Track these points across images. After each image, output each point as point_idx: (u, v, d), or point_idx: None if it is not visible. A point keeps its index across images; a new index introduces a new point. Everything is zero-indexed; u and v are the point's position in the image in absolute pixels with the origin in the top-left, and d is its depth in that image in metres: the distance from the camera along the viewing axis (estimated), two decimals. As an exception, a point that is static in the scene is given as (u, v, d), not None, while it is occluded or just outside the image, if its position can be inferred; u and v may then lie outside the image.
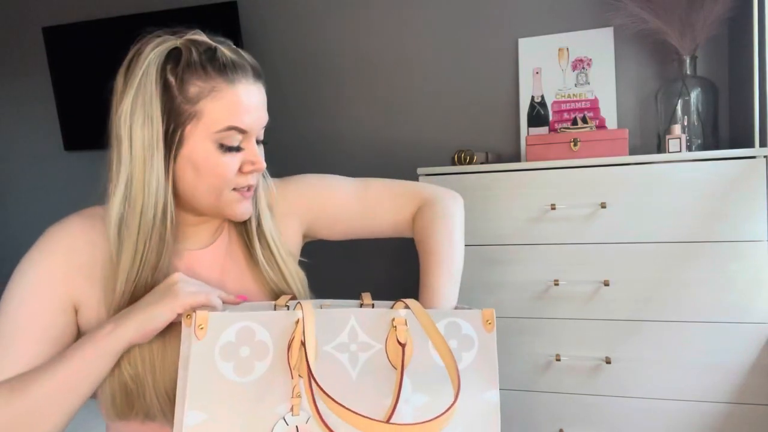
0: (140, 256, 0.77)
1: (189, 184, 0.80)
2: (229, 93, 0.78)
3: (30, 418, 0.71)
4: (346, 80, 2.07)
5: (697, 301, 1.37)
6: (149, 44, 0.79)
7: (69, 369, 0.72)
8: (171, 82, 0.77)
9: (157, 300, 0.73)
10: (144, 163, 0.77)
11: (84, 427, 1.56)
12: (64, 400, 0.72)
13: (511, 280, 1.51)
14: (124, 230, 0.78)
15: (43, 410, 0.71)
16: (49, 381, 0.72)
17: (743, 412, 1.35)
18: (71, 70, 2.30)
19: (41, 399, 0.71)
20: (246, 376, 0.67)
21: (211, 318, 0.66)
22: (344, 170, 2.09)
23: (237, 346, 0.67)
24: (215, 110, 0.77)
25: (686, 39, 1.59)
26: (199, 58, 0.77)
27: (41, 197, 2.45)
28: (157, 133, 0.77)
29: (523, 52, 1.86)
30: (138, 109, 0.77)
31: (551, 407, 1.49)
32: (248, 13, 2.12)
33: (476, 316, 0.78)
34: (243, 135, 0.80)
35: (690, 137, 1.58)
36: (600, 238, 1.44)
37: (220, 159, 0.79)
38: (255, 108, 0.81)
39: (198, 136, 0.78)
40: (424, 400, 0.75)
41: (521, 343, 1.51)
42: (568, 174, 1.45)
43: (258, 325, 0.68)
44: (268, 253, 0.90)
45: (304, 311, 0.69)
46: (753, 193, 1.33)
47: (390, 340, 0.73)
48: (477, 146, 1.92)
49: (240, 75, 0.79)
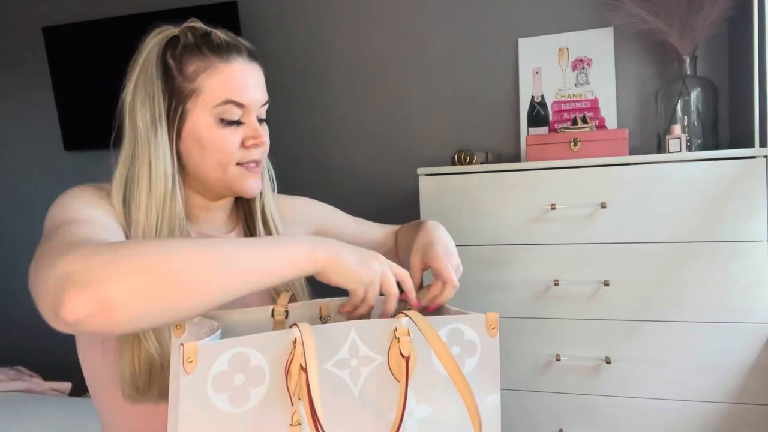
0: (153, 230, 0.78)
1: (196, 160, 0.83)
2: (224, 69, 0.82)
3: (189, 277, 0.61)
4: (346, 80, 2.07)
5: (697, 301, 1.37)
6: (150, 35, 0.85)
7: (251, 260, 0.64)
8: (170, 64, 0.82)
9: (362, 256, 0.71)
10: (147, 140, 0.80)
11: (84, 427, 1.56)
12: (235, 279, 0.63)
13: (511, 280, 1.51)
14: (133, 206, 0.79)
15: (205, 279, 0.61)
16: (231, 251, 0.63)
17: (743, 412, 1.35)
18: (71, 70, 2.30)
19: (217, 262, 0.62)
20: (242, 405, 0.62)
21: (201, 348, 0.59)
22: (344, 170, 2.09)
23: (231, 375, 0.61)
24: (213, 85, 0.81)
25: (686, 39, 1.59)
26: (195, 41, 0.82)
27: (41, 197, 2.45)
28: (159, 110, 0.80)
29: (523, 52, 1.86)
30: (140, 91, 0.81)
31: (551, 407, 1.49)
32: (248, 13, 2.12)
33: (480, 321, 0.76)
34: (242, 109, 0.83)
35: (690, 137, 1.58)
36: (600, 238, 1.44)
37: (220, 132, 0.82)
38: (252, 85, 0.84)
39: (198, 111, 0.81)
40: (428, 412, 0.73)
41: (521, 343, 1.51)
42: (568, 174, 1.45)
43: (252, 350, 0.62)
44: (268, 234, 0.92)
45: (303, 335, 0.64)
46: (753, 193, 1.32)
47: (392, 351, 0.70)
48: (477, 146, 1.92)
49: (234, 54, 0.83)
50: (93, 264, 0.58)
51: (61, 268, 0.58)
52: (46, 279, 0.59)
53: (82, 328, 0.57)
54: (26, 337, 2.50)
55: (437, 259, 0.85)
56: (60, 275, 0.58)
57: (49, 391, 1.94)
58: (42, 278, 0.60)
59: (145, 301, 0.58)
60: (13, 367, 2.09)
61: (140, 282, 0.58)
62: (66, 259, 0.59)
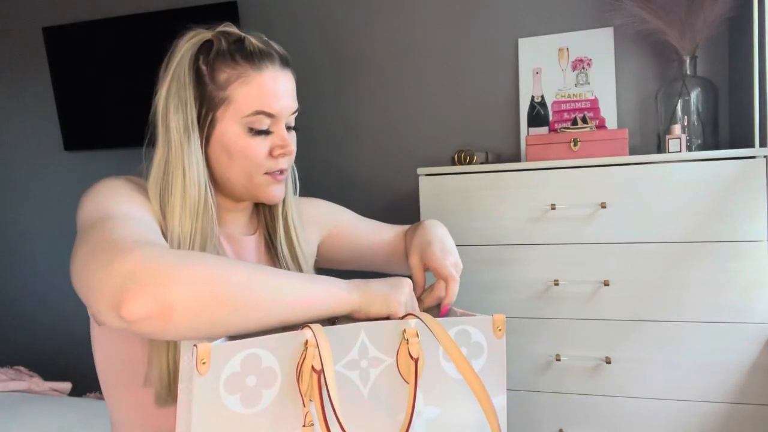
0: (188, 238, 0.78)
1: (223, 167, 0.84)
2: (256, 79, 0.82)
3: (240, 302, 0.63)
4: (345, 80, 2.07)
5: (697, 301, 1.37)
6: (184, 38, 0.84)
7: (296, 291, 0.67)
8: (203, 70, 0.82)
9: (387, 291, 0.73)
10: (181, 147, 0.80)
11: (84, 427, 1.56)
12: (272, 312, 0.65)
13: (511, 280, 1.51)
14: (167, 212, 0.79)
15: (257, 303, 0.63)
16: (275, 287, 0.65)
17: (743, 412, 1.35)
18: (71, 70, 2.30)
19: (261, 292, 0.64)
20: (254, 406, 0.63)
21: (214, 350, 0.60)
22: (343, 170, 2.09)
23: (243, 376, 0.62)
24: (244, 95, 0.81)
25: (686, 39, 1.59)
26: (228, 47, 0.82)
27: (41, 197, 2.45)
28: (192, 117, 0.80)
29: (523, 52, 1.86)
30: (172, 96, 0.81)
31: (551, 407, 1.49)
32: (248, 13, 2.12)
33: (487, 323, 0.77)
34: (271, 119, 0.83)
35: (690, 137, 1.58)
36: (600, 238, 1.44)
37: (248, 141, 0.82)
38: (282, 93, 0.84)
39: (228, 119, 0.82)
40: (436, 413, 0.73)
41: (521, 343, 1.51)
42: (568, 174, 1.45)
43: (264, 351, 0.63)
44: (288, 241, 0.94)
45: (317, 337, 0.65)
46: (753, 193, 1.32)
47: (401, 353, 0.71)
48: (477, 146, 1.92)
49: (267, 62, 0.83)
50: (159, 267, 0.58)
51: (123, 266, 0.59)
52: (108, 275, 0.59)
53: (138, 328, 0.58)
54: (26, 337, 2.50)
55: (434, 258, 0.85)
56: (123, 273, 0.58)
57: (49, 391, 1.94)
58: (100, 274, 0.60)
59: (202, 311, 0.59)
60: (13, 367, 2.09)
61: (202, 292, 0.59)
62: (129, 258, 0.59)
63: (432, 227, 0.93)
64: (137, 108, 2.29)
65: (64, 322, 2.43)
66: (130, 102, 2.22)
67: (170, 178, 0.80)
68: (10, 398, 1.78)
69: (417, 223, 1.02)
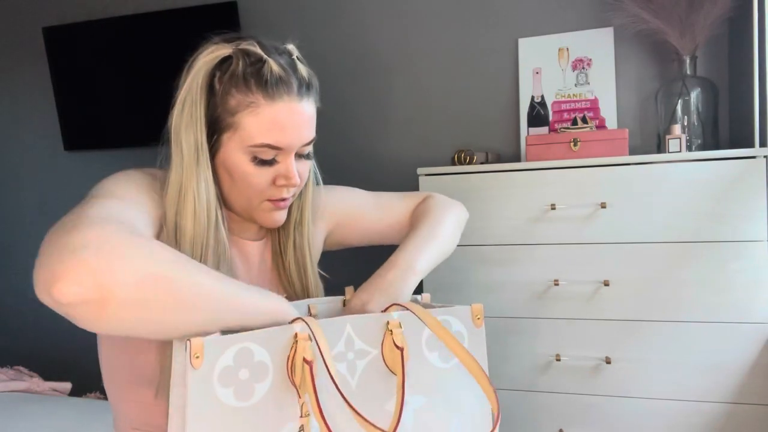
0: (199, 259, 0.77)
1: (225, 187, 0.83)
2: (267, 110, 0.78)
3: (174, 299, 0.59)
4: (345, 80, 2.07)
5: (697, 301, 1.37)
6: (205, 50, 0.81)
7: (237, 296, 0.64)
8: (216, 89, 0.79)
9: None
10: (192, 168, 0.78)
11: (84, 427, 1.56)
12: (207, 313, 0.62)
13: (511, 280, 1.51)
14: (178, 234, 0.77)
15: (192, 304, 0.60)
16: (214, 287, 0.62)
17: (743, 412, 1.35)
18: (71, 70, 2.30)
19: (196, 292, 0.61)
20: (247, 400, 0.64)
21: (207, 344, 0.61)
22: (343, 170, 2.09)
23: (236, 370, 0.63)
24: (251, 125, 0.78)
25: (686, 39, 1.59)
26: (244, 71, 0.78)
27: (41, 197, 2.45)
28: (201, 138, 0.78)
29: (523, 52, 1.86)
30: (185, 113, 0.79)
31: (551, 407, 1.49)
32: (248, 13, 2.12)
33: (466, 313, 0.80)
34: (278, 151, 0.81)
35: (690, 137, 1.58)
36: (600, 238, 1.44)
37: (252, 170, 0.80)
38: (293, 126, 0.80)
39: (233, 145, 0.80)
40: (422, 401, 0.75)
41: (521, 343, 1.51)
42: (568, 174, 1.45)
43: (256, 345, 0.64)
44: (298, 260, 0.92)
45: (311, 327, 0.66)
46: (753, 193, 1.33)
47: (386, 344, 0.73)
48: (477, 146, 1.92)
49: (283, 92, 0.79)
50: (113, 246, 0.53)
51: (76, 238, 0.54)
52: (54, 245, 0.54)
53: (67, 312, 0.53)
54: (26, 337, 2.50)
55: (361, 292, 0.84)
56: (73, 245, 0.53)
57: (49, 391, 1.94)
58: (50, 241, 0.55)
59: (141, 308, 0.56)
60: (13, 367, 2.09)
61: (146, 287, 0.55)
62: (86, 231, 0.54)
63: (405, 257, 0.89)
64: (138, 108, 2.30)
65: (65, 323, 2.41)
66: (131, 102, 2.22)
67: (182, 197, 0.78)
68: (10, 398, 1.78)
69: (423, 209, 0.99)
